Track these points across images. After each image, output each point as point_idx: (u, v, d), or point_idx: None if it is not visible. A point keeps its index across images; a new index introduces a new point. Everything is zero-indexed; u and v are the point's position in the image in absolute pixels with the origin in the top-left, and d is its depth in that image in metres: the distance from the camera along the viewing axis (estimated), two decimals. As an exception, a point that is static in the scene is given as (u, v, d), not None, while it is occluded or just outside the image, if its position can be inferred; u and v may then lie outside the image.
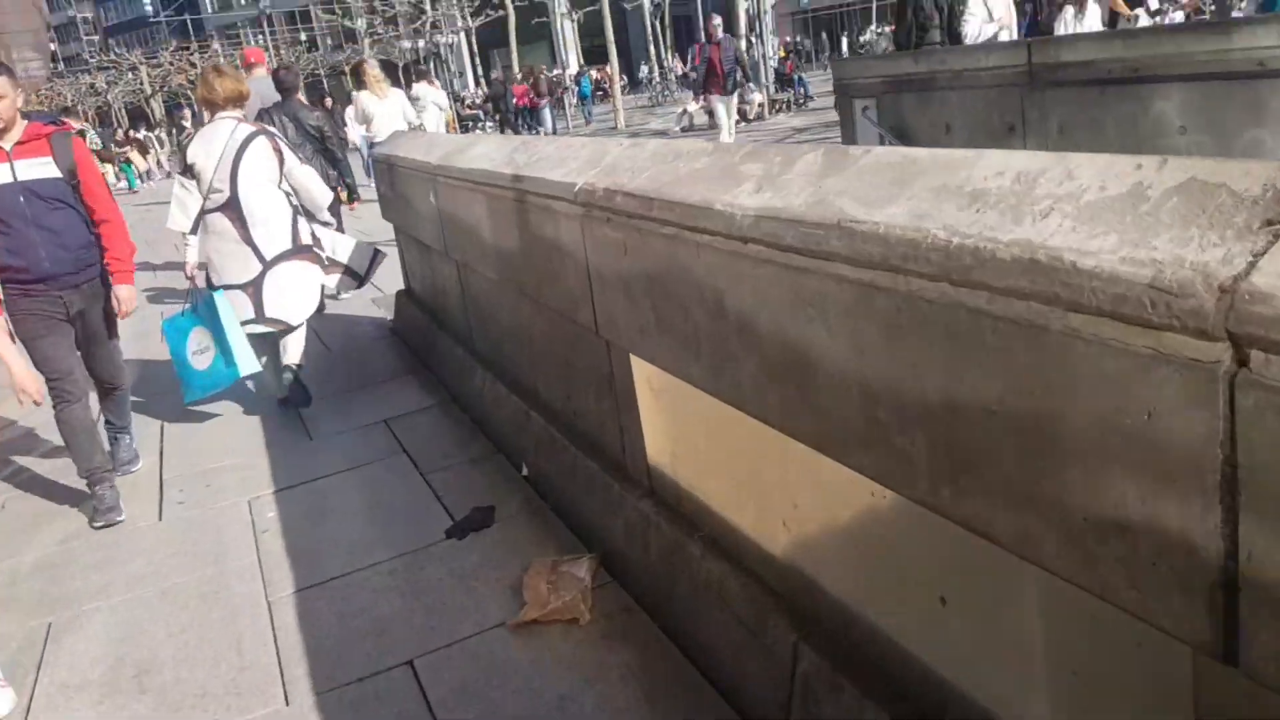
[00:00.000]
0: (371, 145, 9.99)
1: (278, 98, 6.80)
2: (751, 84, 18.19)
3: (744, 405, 1.86)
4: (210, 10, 56.58)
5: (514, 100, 23.97)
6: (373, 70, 9.51)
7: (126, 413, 4.05)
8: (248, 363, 4.16)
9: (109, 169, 18.29)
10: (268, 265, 4.22)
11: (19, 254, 3.32)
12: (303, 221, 4.39)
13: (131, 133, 25.28)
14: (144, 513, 3.52)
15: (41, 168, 3.35)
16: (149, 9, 57.44)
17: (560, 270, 2.68)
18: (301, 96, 9.08)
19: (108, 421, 4.00)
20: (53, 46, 64.86)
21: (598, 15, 38.54)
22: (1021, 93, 5.18)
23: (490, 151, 3.39)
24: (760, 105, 18.22)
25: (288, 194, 4.34)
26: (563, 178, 2.56)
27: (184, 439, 4.40)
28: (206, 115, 4.47)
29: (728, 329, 1.82)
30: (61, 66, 57.83)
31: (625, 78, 33.48)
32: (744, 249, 1.70)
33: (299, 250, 4.33)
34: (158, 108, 44.06)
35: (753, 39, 24.18)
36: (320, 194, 4.55)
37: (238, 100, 4.34)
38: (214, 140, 4.18)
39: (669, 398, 2.35)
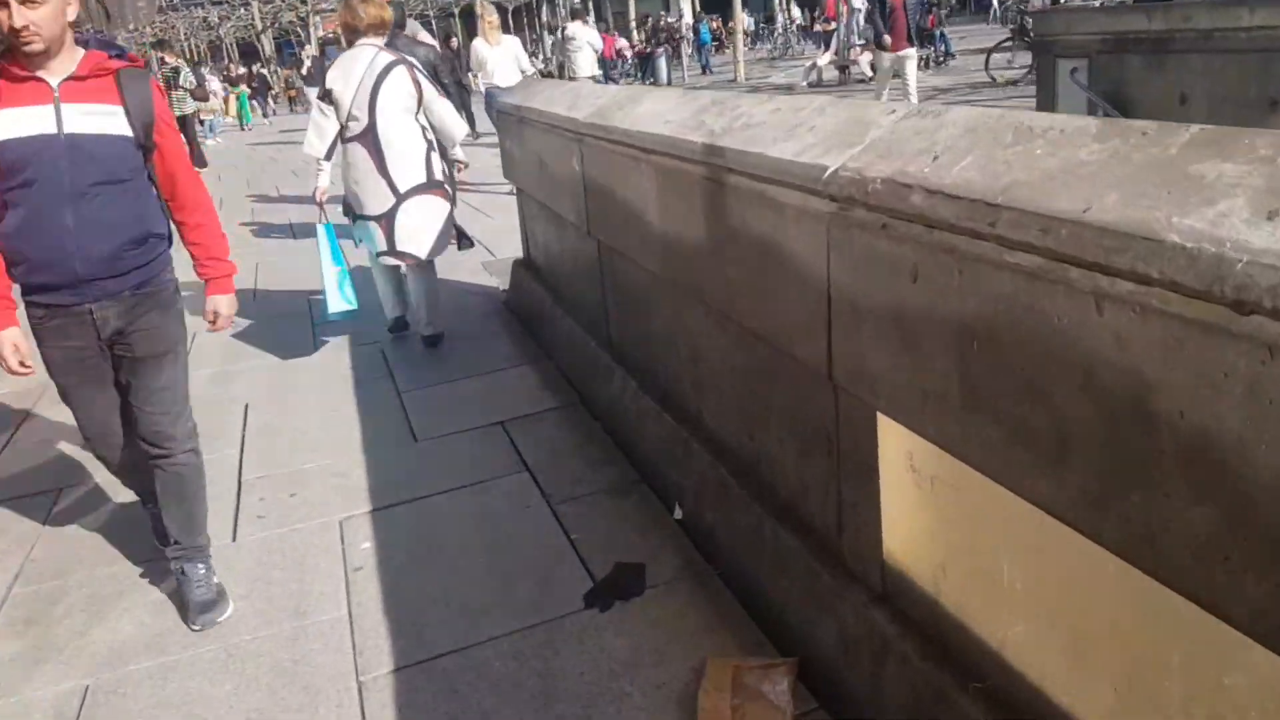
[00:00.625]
0: (488, 93, 9.54)
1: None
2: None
3: (1155, 565, 1.12)
4: (324, -53, 56.58)
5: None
6: (488, 16, 9.32)
7: (193, 517, 2.57)
8: (335, 302, 4.28)
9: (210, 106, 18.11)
10: (401, 198, 4.15)
11: (36, 246, 2.19)
12: (436, 156, 4.30)
13: (254, 67, 25.23)
14: (216, 529, 2.96)
15: (104, 119, 2.20)
16: (265, -57, 57.82)
17: (774, 284, 1.95)
18: (421, 33, 8.60)
19: (160, 530, 2.63)
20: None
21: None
22: (1293, 62, 4.18)
23: (665, 110, 2.65)
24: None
25: (424, 127, 4.24)
26: (798, 156, 1.81)
27: (270, 422, 3.85)
28: (344, 42, 4.38)
29: (1150, 448, 1.07)
30: (179, 1, 58.92)
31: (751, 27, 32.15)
32: (1239, 323, 0.95)
33: (432, 185, 4.25)
34: (268, 44, 44.42)
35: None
36: (456, 128, 4.44)
37: (380, 27, 4.22)
38: (354, 67, 4.08)
39: (949, 491, 1.60)
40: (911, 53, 9.73)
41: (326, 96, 4.15)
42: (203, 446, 2.66)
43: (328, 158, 4.26)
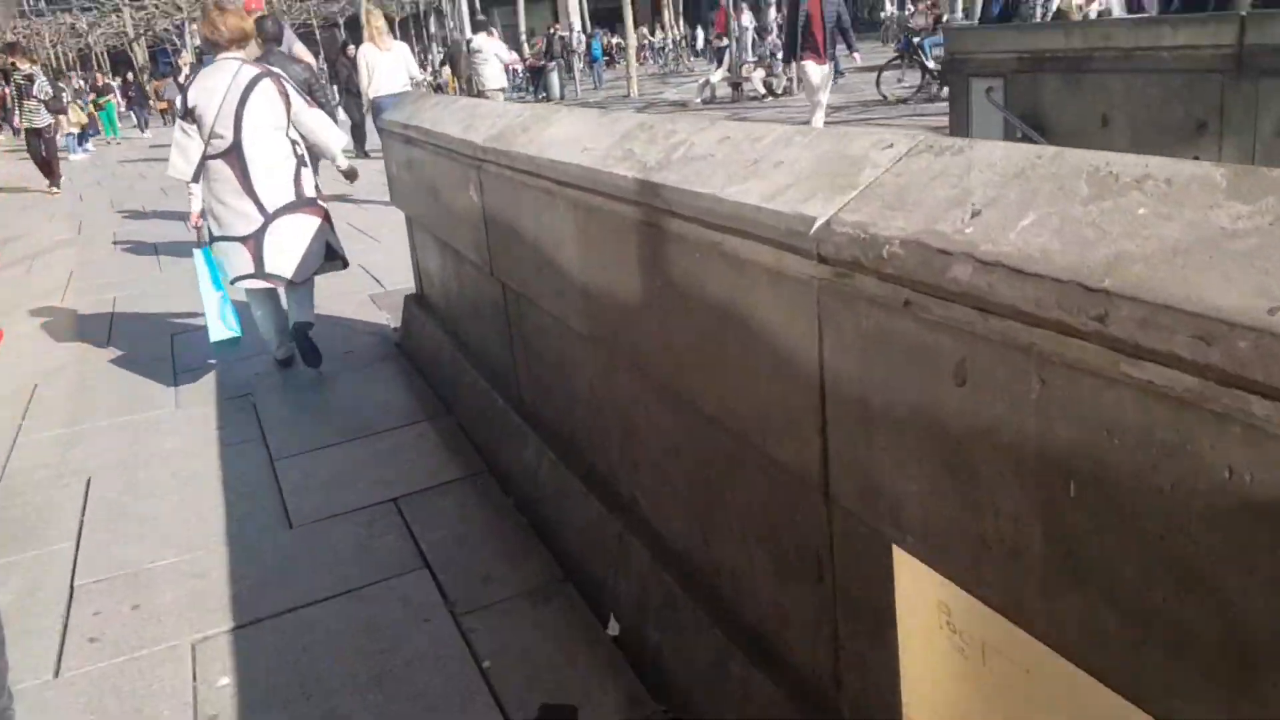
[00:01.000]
0: (376, 102, 8.91)
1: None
2: (780, 55, 16.92)
3: None
4: (199, -47, 54.11)
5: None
6: (375, 20, 8.88)
7: None
8: (218, 329, 4.10)
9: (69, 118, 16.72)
10: (269, 218, 3.97)
11: None
12: (307, 172, 4.13)
13: (129, 76, 23.48)
14: (35, 659, 2.34)
15: None
16: (134, -52, 54.95)
17: (739, 360, 1.52)
18: (298, 47, 8.04)
19: None
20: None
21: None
22: (1223, 81, 4.01)
23: (582, 134, 2.20)
24: (789, 79, 16.91)
25: (294, 142, 4.08)
26: (768, 201, 1.38)
27: (115, 503, 3.22)
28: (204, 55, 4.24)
29: None
30: (43, 5, 55.39)
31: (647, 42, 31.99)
32: None
33: (303, 203, 4.07)
34: (140, 53, 42.07)
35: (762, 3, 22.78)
36: (332, 139, 4.26)
37: (242, 40, 4.03)
38: (216, 82, 3.90)
39: (1013, 670, 1.18)
40: (828, 68, 9.38)
41: (189, 115, 3.93)
42: (30, 539, 2.06)
43: (195, 179, 4.03)
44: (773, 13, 18.10)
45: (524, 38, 27.70)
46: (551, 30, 25.13)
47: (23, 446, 3.79)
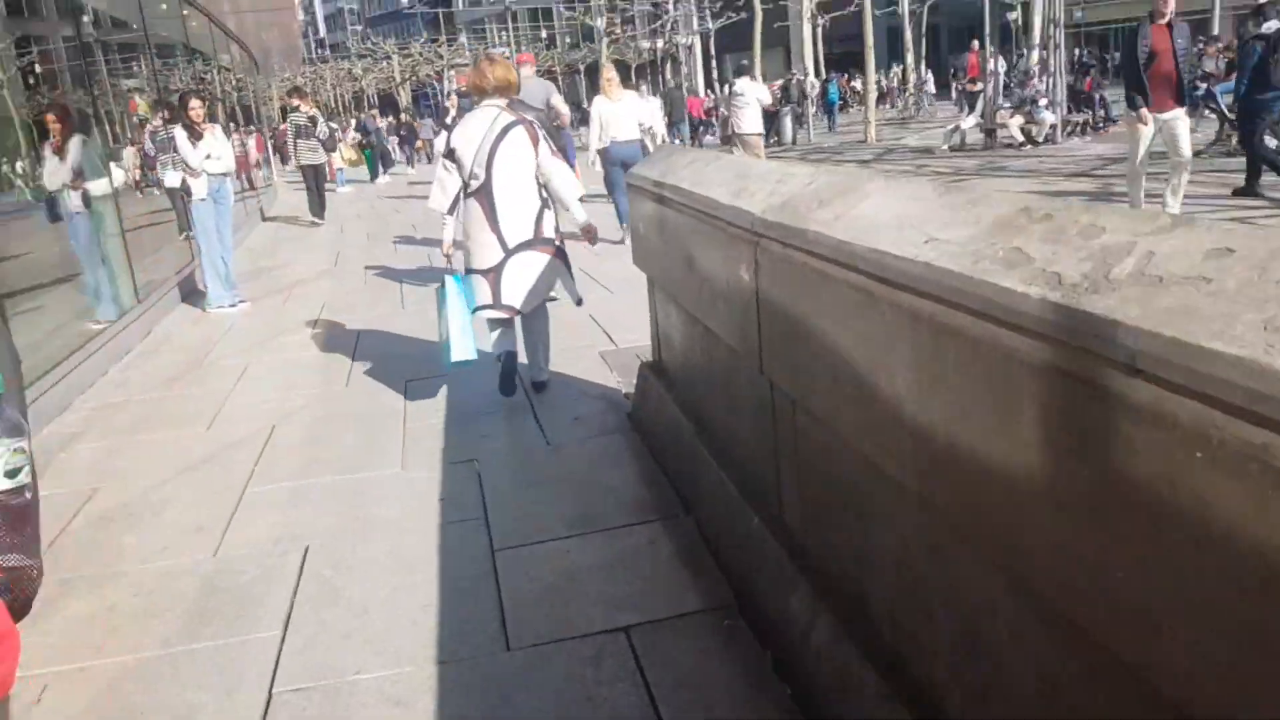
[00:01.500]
0: (607, 150, 8.90)
1: (540, 102, 6.40)
2: (1043, 101, 15.59)
3: None
4: (461, 5, 58.76)
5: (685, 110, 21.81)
6: (606, 72, 9.25)
7: None
8: (460, 350, 4.34)
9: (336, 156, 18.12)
10: (509, 253, 4.26)
11: None
12: (549, 214, 4.39)
13: (401, 116, 25.00)
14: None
15: None
16: (405, 1, 60.45)
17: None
18: (555, 99, 8.30)
19: None
20: (321, 33, 70.06)
21: (844, 20, 36.32)
22: None
23: (914, 213, 1.64)
24: (1052, 126, 15.52)
25: (540, 185, 4.32)
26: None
27: (328, 583, 2.97)
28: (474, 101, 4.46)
29: None
30: (328, 53, 62.00)
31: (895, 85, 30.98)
32: None
33: (540, 241, 4.34)
34: (405, 95, 45.94)
35: (1024, 51, 21.23)
36: (568, 189, 4.39)
37: (505, 89, 4.33)
38: (475, 127, 4.24)
39: None
40: (1180, 114, 7.55)
41: (450, 155, 4.32)
42: (240, 620, 1.76)
43: (450, 212, 4.39)
44: (1035, 56, 16.72)
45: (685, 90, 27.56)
46: (791, 75, 24.77)
47: (250, 501, 3.67)
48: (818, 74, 31.06)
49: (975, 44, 19.18)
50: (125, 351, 6.23)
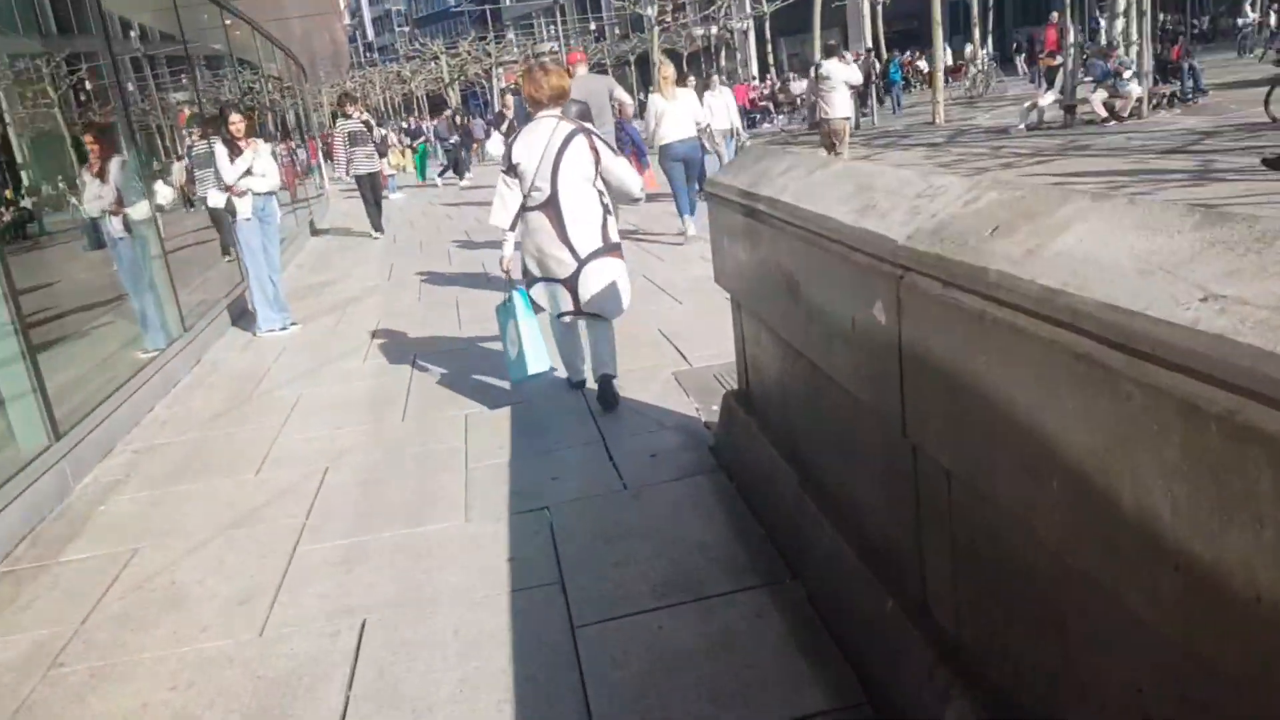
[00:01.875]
0: (663, 148, 8.82)
1: (602, 98, 6.27)
2: (1127, 73, 14.66)
3: None
4: (508, 0, 58.63)
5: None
6: (664, 70, 9.10)
7: None
8: (536, 361, 4.35)
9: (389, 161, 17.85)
10: (582, 263, 4.31)
11: None
12: (611, 220, 4.44)
13: (456, 118, 24.03)
14: None
15: None
16: (452, 0, 60.53)
17: None
18: (619, 92, 8.18)
19: None
20: (370, 36, 70.62)
21: (900, -2, 35.13)
22: None
23: (1162, 250, 1.16)
24: (1138, 100, 14.61)
25: (600, 192, 4.35)
26: None
27: (385, 670, 2.58)
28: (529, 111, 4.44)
29: None
30: (376, 56, 62.43)
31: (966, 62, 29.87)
32: None
33: (609, 248, 4.40)
34: (454, 96, 45.91)
35: (1099, 21, 20.16)
36: (634, 183, 4.49)
37: (560, 97, 4.33)
38: (536, 140, 4.21)
39: None
40: None
41: (511, 170, 4.26)
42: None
43: (511, 228, 4.37)
44: (1119, 25, 15.74)
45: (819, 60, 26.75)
46: (859, 53, 23.94)
47: (300, 564, 3.31)
48: (877, 54, 30.14)
49: (1054, 16, 18.17)
50: (173, 383, 5.96)
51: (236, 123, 6.85)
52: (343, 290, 9.05)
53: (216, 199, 6.88)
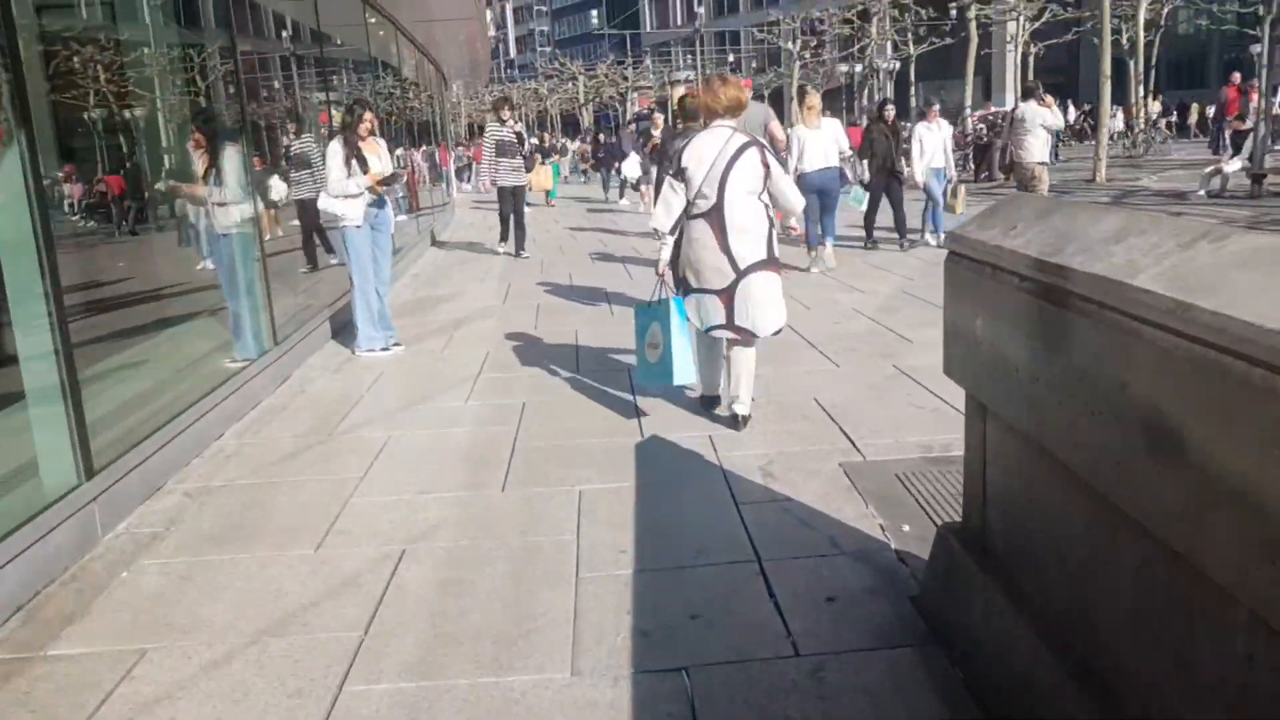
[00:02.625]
0: (804, 176, 8.77)
1: (758, 126, 6.12)
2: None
3: None
4: (649, 27, 58.69)
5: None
6: (810, 99, 9.26)
7: None
8: (683, 373, 4.32)
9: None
10: (741, 274, 4.23)
11: None
12: (774, 233, 4.35)
13: (600, 136, 23.26)
14: None
15: None
16: (595, 23, 61.01)
17: None
18: (773, 125, 7.64)
19: None
20: (512, 54, 72.04)
21: (1053, 50, 33.24)
22: None
23: None
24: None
25: (766, 205, 4.30)
26: None
27: None
28: (703, 121, 4.44)
29: None
30: (516, 73, 63.49)
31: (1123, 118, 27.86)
32: None
33: (771, 261, 4.31)
34: (587, 116, 46.01)
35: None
36: (798, 203, 4.57)
37: (736, 109, 4.30)
38: (708, 147, 4.20)
39: None
40: None
41: (680, 175, 4.25)
42: None
43: (672, 233, 4.35)
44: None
45: (969, 112, 25.23)
46: (1016, 107, 22.29)
47: (343, 715, 2.39)
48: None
49: (1236, 75, 16.42)
50: (253, 403, 5.24)
51: (367, 122, 6.17)
52: (455, 309, 8.32)
53: (328, 202, 6.20)
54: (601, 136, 22.75)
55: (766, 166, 4.22)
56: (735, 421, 4.42)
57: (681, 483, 3.90)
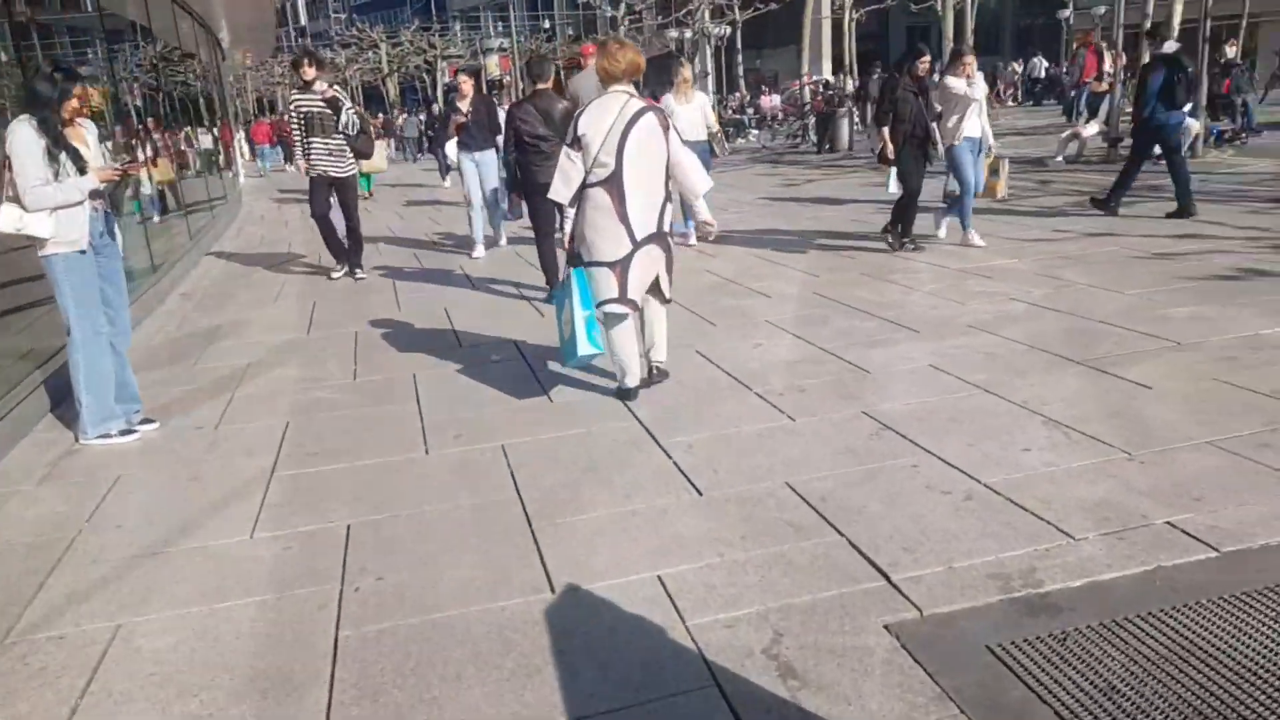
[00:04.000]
0: None
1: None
2: (1187, 109, 12.63)
3: None
4: (454, -9, 55.40)
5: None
6: (685, 73, 8.82)
7: None
8: (584, 345, 4.17)
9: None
10: (637, 245, 4.14)
11: None
12: (671, 207, 4.28)
13: (433, 107, 20.17)
14: None
15: None
16: (395, -14, 57.10)
17: None
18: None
19: None
20: (303, 20, 66.38)
21: (875, 17, 33.31)
22: None
23: None
24: (1196, 137, 12.62)
25: (665, 177, 4.18)
26: None
27: None
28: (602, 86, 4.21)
29: None
30: (309, 42, 58.54)
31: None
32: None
33: (662, 234, 4.23)
34: (393, 88, 42.66)
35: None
36: (698, 181, 4.31)
37: (634, 73, 4.13)
38: (605, 113, 4.06)
39: None
40: None
41: (576, 143, 4.08)
42: None
43: (571, 204, 4.19)
44: (1172, 49, 13.72)
45: (804, 79, 24.49)
46: (875, 70, 21.68)
47: None
48: (839, 74, 28.10)
49: (1093, 39, 16.28)
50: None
51: (75, 100, 4.03)
52: (238, 349, 6.17)
53: (19, 218, 4.01)
54: (436, 107, 20.04)
55: (666, 132, 4.12)
56: (653, 371, 4.50)
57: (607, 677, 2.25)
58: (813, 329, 5.53)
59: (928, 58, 7.58)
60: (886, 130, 7.64)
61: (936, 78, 8.89)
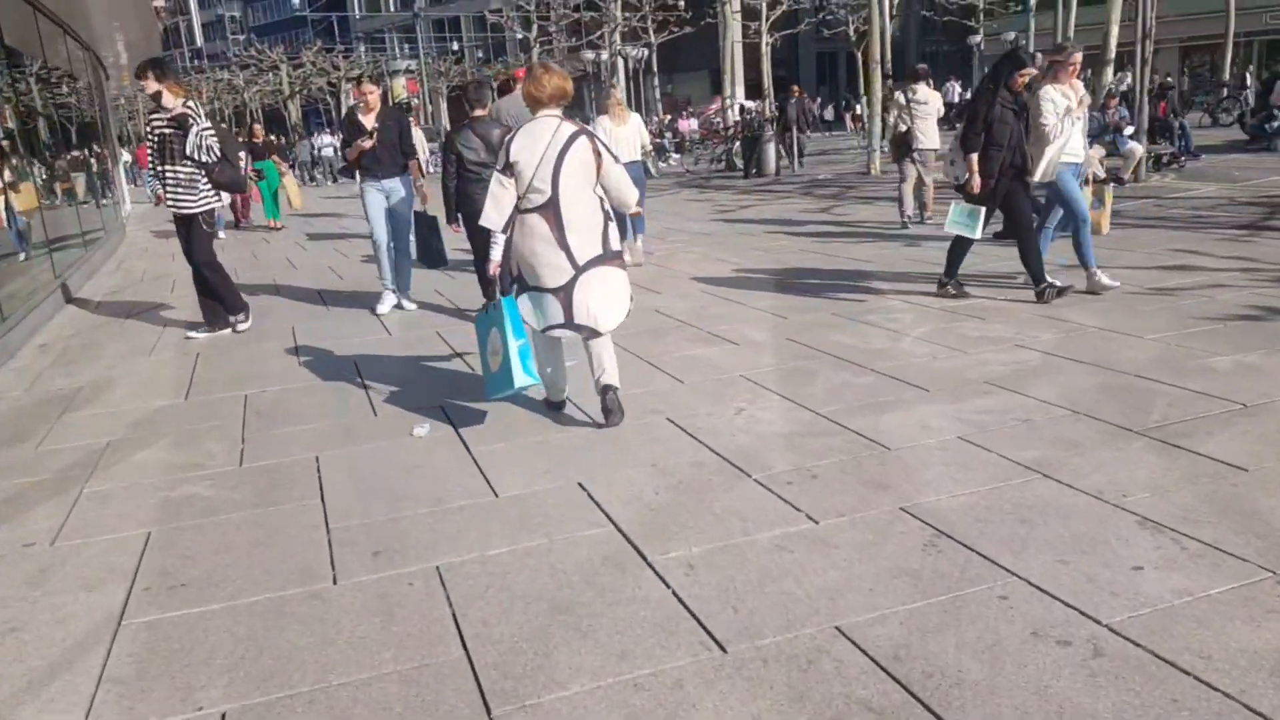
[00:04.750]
0: None
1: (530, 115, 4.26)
2: (1129, 129, 12.44)
3: None
4: (359, 13, 53.65)
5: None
6: (617, 94, 8.91)
7: None
8: (520, 376, 4.04)
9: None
10: (579, 270, 4.07)
11: None
12: (613, 226, 4.20)
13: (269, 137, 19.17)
14: None
15: None
16: (295, 5, 55.06)
17: None
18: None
19: None
20: (199, 42, 63.54)
21: (786, 42, 33.38)
22: None
23: None
24: (1140, 161, 12.41)
25: (601, 198, 4.13)
26: None
27: None
28: (533, 112, 4.14)
29: None
30: (205, 63, 55.91)
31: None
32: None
33: (609, 256, 4.15)
34: (294, 110, 40.77)
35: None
36: (630, 195, 4.20)
37: (561, 97, 4.09)
38: (537, 140, 4.00)
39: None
40: None
41: (508, 169, 4.02)
42: None
43: (504, 230, 4.11)
44: (1111, 74, 13.54)
45: (730, 98, 24.01)
46: (795, 93, 21.36)
47: None
48: (753, 98, 27.88)
49: (1039, 58, 16.12)
50: None
51: None
52: (96, 421, 4.98)
53: None
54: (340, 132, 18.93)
55: (598, 155, 4.06)
56: (606, 394, 4.21)
57: None
58: (800, 387, 4.68)
59: (1030, 70, 6.04)
60: (975, 158, 5.94)
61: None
